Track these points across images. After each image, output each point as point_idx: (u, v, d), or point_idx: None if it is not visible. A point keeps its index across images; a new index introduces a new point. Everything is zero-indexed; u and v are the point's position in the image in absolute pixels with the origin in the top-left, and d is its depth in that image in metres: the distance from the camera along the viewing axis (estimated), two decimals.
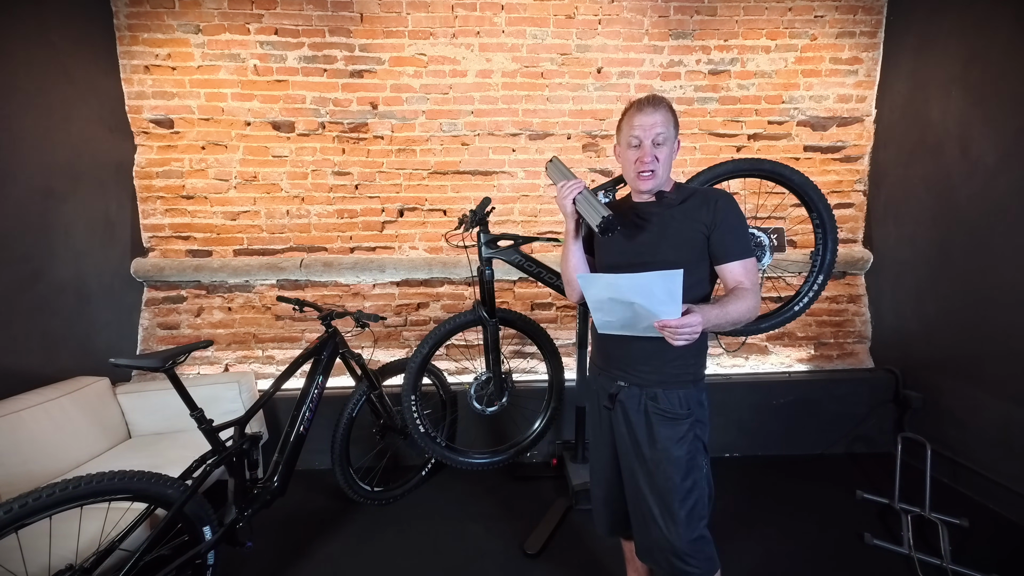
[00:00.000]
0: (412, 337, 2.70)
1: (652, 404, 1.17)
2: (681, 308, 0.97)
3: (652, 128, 1.13)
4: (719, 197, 1.16)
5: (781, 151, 2.68)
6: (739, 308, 1.08)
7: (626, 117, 1.19)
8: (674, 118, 1.17)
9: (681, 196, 1.20)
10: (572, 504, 2.10)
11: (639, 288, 0.98)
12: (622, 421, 1.21)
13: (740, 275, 1.14)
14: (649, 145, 1.15)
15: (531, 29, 2.52)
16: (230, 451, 1.57)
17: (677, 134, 1.19)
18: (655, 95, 1.18)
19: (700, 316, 1.00)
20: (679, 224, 1.16)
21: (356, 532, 1.99)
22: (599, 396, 1.29)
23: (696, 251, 1.16)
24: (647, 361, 1.18)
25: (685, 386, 1.18)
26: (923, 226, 2.40)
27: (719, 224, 1.14)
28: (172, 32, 2.43)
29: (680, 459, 1.14)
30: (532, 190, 2.66)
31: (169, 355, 1.45)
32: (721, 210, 1.14)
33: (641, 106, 1.15)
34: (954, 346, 2.27)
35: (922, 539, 1.85)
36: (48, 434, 1.78)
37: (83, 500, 1.21)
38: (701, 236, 1.15)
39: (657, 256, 1.16)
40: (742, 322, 1.09)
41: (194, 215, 2.56)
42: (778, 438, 2.58)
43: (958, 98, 2.20)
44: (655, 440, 1.16)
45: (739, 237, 1.15)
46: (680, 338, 0.98)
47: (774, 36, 2.59)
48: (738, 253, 1.14)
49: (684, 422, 1.16)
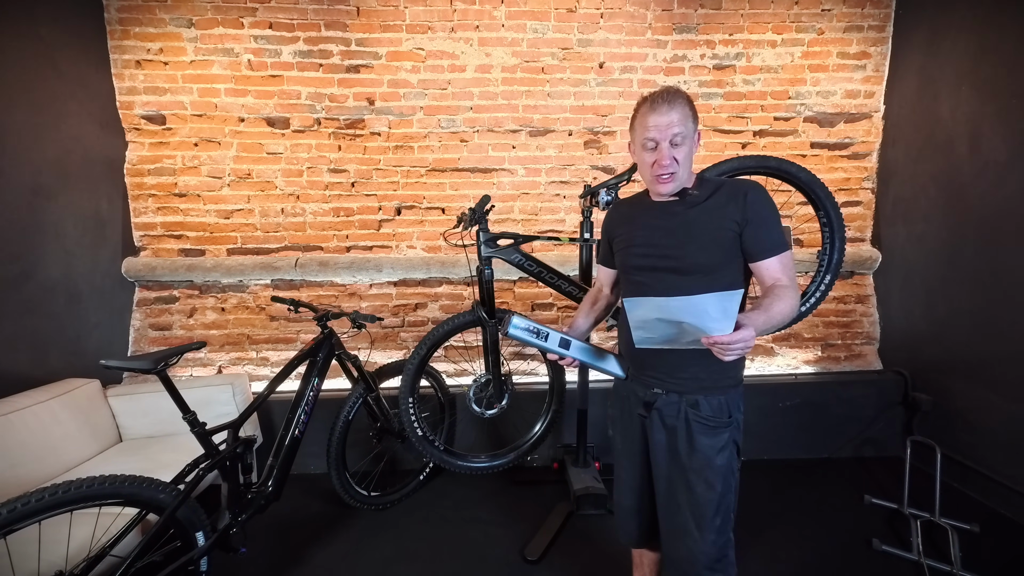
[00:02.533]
0: (410, 338, 2.70)
1: (693, 412, 1.12)
2: (733, 324, 0.92)
3: (668, 129, 1.06)
4: (748, 189, 1.10)
5: (787, 148, 2.68)
6: (782, 309, 1.02)
7: (639, 116, 1.12)
8: (692, 112, 1.10)
9: (706, 192, 1.13)
10: (574, 509, 2.10)
11: (692, 309, 0.92)
12: (659, 429, 1.17)
13: (778, 272, 1.08)
14: (667, 147, 1.07)
15: (531, 23, 2.53)
16: (223, 455, 1.57)
17: (697, 127, 1.11)
18: (669, 89, 1.08)
19: (752, 329, 0.93)
20: (706, 223, 1.10)
21: (352, 538, 1.99)
22: (630, 402, 1.25)
23: (727, 251, 1.10)
24: (686, 367, 1.13)
25: (727, 391, 1.14)
26: (933, 225, 2.40)
27: (751, 219, 1.07)
28: (164, 26, 2.43)
29: (720, 468, 1.11)
30: (532, 188, 2.66)
31: (161, 357, 1.44)
32: (752, 204, 1.08)
33: (655, 104, 1.07)
34: (965, 347, 2.27)
35: (932, 545, 1.84)
36: (37, 437, 1.78)
37: (73, 505, 1.21)
38: (731, 234, 1.09)
39: (685, 260, 1.10)
40: (785, 324, 1.05)
41: (187, 213, 2.56)
42: (784, 441, 2.58)
43: (968, 94, 2.20)
44: (696, 449, 1.12)
45: (773, 231, 1.09)
46: (731, 354, 0.92)
47: (780, 30, 2.59)
48: (774, 248, 1.08)
49: (725, 430, 1.12)
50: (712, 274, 1.10)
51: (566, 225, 2.70)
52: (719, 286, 1.03)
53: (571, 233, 2.69)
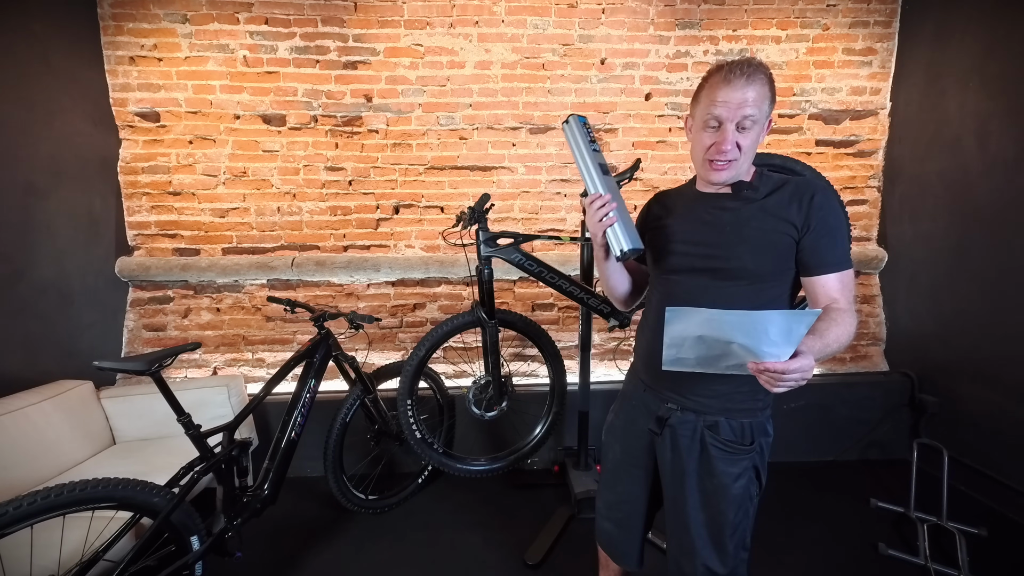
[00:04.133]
0: (408, 339, 2.70)
1: (710, 434, 1.03)
2: (793, 351, 0.80)
3: (740, 108, 0.91)
4: (816, 190, 0.96)
5: (792, 146, 2.68)
6: (839, 336, 0.89)
7: (707, 87, 0.96)
8: (771, 93, 0.94)
9: (766, 188, 1.00)
10: (575, 513, 2.10)
11: (751, 327, 0.79)
12: (668, 448, 1.09)
13: (836, 291, 0.95)
14: (732, 129, 0.93)
15: (532, 18, 2.52)
16: (219, 458, 1.57)
17: (771, 111, 0.97)
18: (751, 61, 0.93)
19: (812, 358, 0.81)
20: (760, 223, 0.97)
21: (350, 542, 1.99)
22: (639, 412, 1.17)
23: (779, 259, 0.97)
24: (710, 384, 1.02)
25: (753, 414, 1.04)
26: (940, 223, 2.40)
27: (814, 226, 0.94)
28: (158, 21, 2.43)
29: (735, 496, 1.04)
30: (533, 186, 2.66)
31: (155, 358, 1.45)
32: (817, 208, 0.94)
33: (730, 76, 0.92)
34: (972, 348, 2.27)
35: (939, 549, 1.85)
36: (29, 440, 1.78)
37: (65, 509, 1.21)
38: (788, 240, 0.96)
39: (730, 262, 0.99)
40: (838, 353, 0.94)
41: (181, 212, 2.56)
42: (789, 444, 2.58)
43: (976, 90, 2.20)
44: (709, 475, 1.04)
45: (838, 243, 0.96)
46: (783, 386, 0.80)
47: (785, 26, 2.59)
48: (836, 263, 0.95)
49: (745, 457, 1.03)
50: (758, 283, 0.99)
51: (567, 224, 2.70)
52: (763, 299, 0.97)
53: (572, 232, 2.69)
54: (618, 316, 2.02)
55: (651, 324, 1.15)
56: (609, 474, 1.28)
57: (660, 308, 1.11)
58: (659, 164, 2.67)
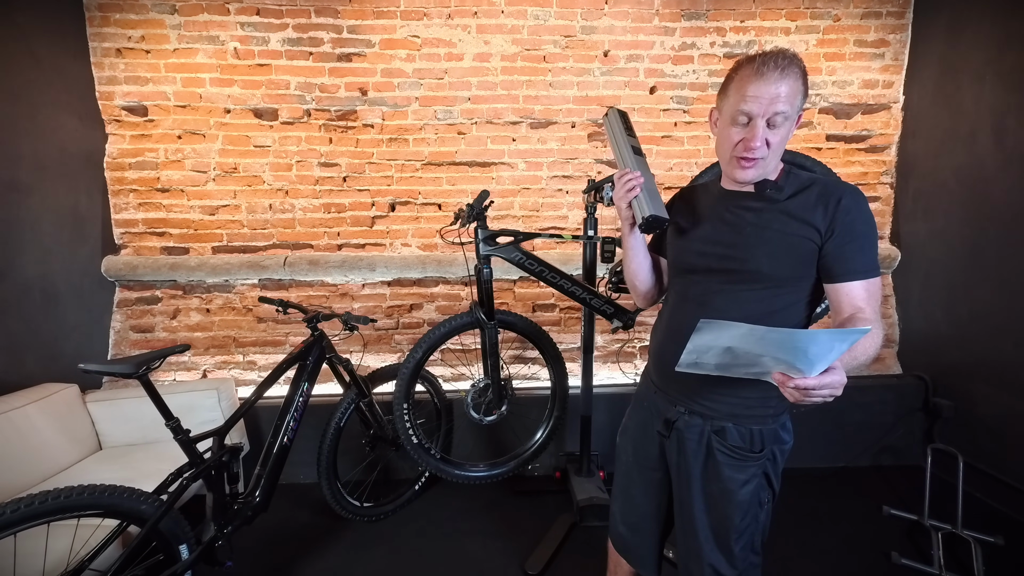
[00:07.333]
0: (404, 341, 2.70)
1: (717, 439, 1.04)
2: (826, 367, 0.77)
3: (772, 103, 0.90)
4: (843, 192, 0.94)
5: (802, 141, 2.68)
6: (866, 348, 0.87)
7: (737, 80, 0.94)
8: (804, 88, 0.93)
9: (792, 188, 0.98)
10: (577, 521, 2.10)
11: (792, 345, 0.75)
12: (675, 451, 1.11)
13: (862, 299, 0.92)
14: (762, 126, 0.92)
15: (532, 9, 2.53)
16: (208, 464, 1.57)
17: (803, 106, 0.95)
18: (785, 53, 0.90)
19: (843, 373, 0.78)
20: (783, 226, 0.96)
21: (344, 550, 1.99)
22: (650, 415, 1.19)
23: (799, 264, 0.96)
24: (719, 387, 1.01)
25: (763, 421, 1.03)
26: (955, 221, 2.40)
27: (839, 230, 0.92)
28: (146, 12, 2.43)
29: (742, 503, 1.04)
30: (534, 182, 2.66)
31: (143, 360, 1.45)
32: (844, 211, 0.92)
33: (763, 68, 0.90)
34: (988, 350, 2.27)
35: (953, 558, 1.85)
36: (12, 445, 1.78)
37: (50, 516, 1.21)
38: (810, 245, 0.94)
39: (748, 264, 0.98)
40: (865, 366, 0.90)
41: (170, 209, 2.57)
42: (799, 449, 2.54)
43: (992, 84, 2.20)
44: (717, 479, 1.05)
45: (865, 248, 0.93)
46: (811, 401, 0.78)
47: (794, 17, 2.59)
48: (863, 270, 0.93)
49: (754, 464, 1.03)
50: (772, 288, 0.99)
51: (569, 222, 2.70)
52: (776, 305, 0.97)
53: (574, 230, 2.69)
54: (622, 317, 2.02)
55: (664, 325, 1.16)
56: (623, 477, 1.29)
57: (675, 309, 1.14)
58: (664, 160, 2.67)
